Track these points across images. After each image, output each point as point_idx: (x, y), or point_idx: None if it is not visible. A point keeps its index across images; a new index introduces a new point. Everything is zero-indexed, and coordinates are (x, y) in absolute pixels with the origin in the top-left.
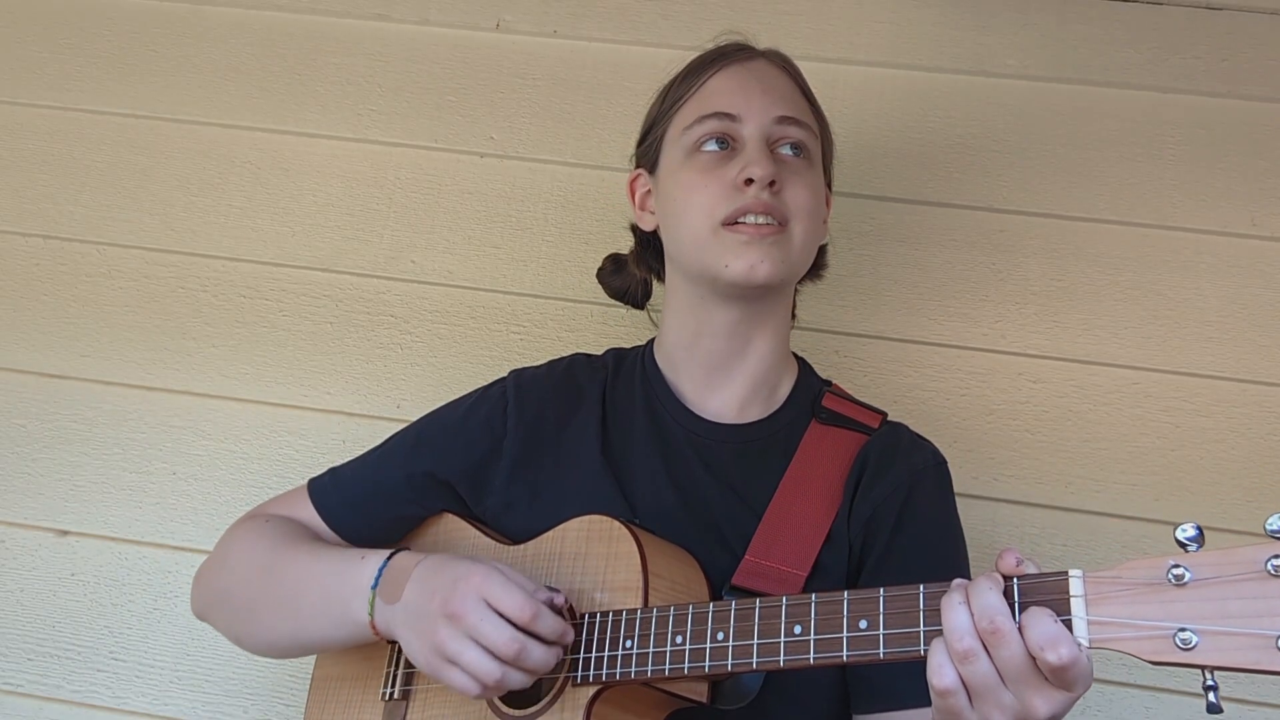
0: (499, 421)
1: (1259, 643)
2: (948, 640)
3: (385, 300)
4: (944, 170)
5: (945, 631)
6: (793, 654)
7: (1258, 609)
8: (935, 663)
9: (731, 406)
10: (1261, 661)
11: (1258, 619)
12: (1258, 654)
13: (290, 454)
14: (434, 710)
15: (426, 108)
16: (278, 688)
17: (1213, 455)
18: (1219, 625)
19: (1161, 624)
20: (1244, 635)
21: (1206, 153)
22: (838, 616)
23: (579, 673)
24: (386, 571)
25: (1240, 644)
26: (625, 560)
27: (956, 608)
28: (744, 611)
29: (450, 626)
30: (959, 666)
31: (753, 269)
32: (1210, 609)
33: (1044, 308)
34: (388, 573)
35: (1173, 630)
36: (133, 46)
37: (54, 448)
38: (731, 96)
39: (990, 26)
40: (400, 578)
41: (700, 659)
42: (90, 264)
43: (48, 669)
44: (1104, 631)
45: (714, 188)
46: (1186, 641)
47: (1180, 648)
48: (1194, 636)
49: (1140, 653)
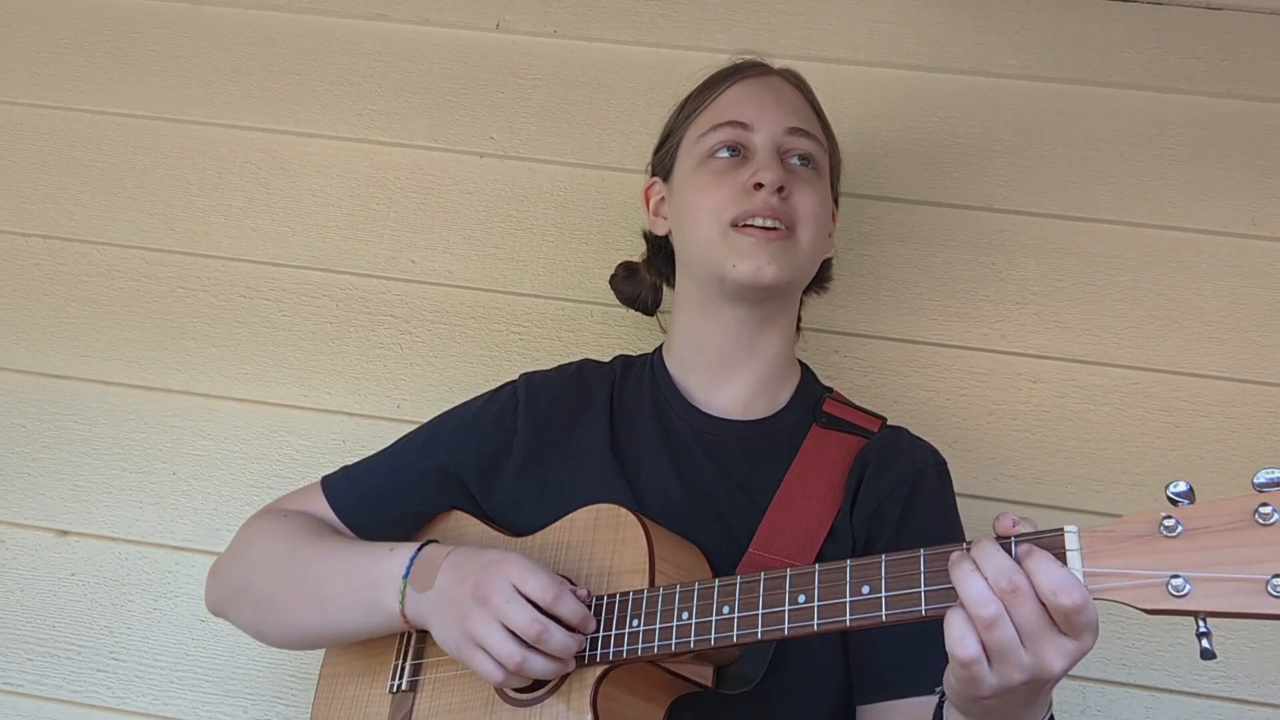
0: (510, 420)
1: (1249, 587)
2: (971, 609)
3: (385, 300)
4: (944, 170)
5: (966, 601)
6: (797, 621)
7: (1247, 555)
8: (956, 634)
9: (737, 404)
10: (1253, 605)
11: (1247, 565)
12: (1248, 598)
13: (290, 454)
14: (441, 700)
15: (426, 108)
16: (278, 688)
17: (1213, 455)
18: (1210, 572)
19: (1154, 573)
20: (1235, 580)
21: (1206, 153)
22: (840, 583)
23: (585, 652)
24: (418, 562)
25: (1231, 589)
26: (632, 545)
27: (970, 575)
28: (749, 585)
29: (479, 609)
30: (983, 634)
31: (759, 270)
32: (1201, 557)
33: (1043, 308)
34: (419, 563)
35: (1165, 578)
36: (133, 46)
37: (54, 448)
38: (745, 107)
39: (990, 26)
40: (432, 567)
41: (706, 632)
42: (90, 264)
43: (48, 669)
44: (1099, 583)
45: (724, 191)
46: (1179, 589)
47: (1173, 595)
48: (1186, 584)
49: (1135, 601)
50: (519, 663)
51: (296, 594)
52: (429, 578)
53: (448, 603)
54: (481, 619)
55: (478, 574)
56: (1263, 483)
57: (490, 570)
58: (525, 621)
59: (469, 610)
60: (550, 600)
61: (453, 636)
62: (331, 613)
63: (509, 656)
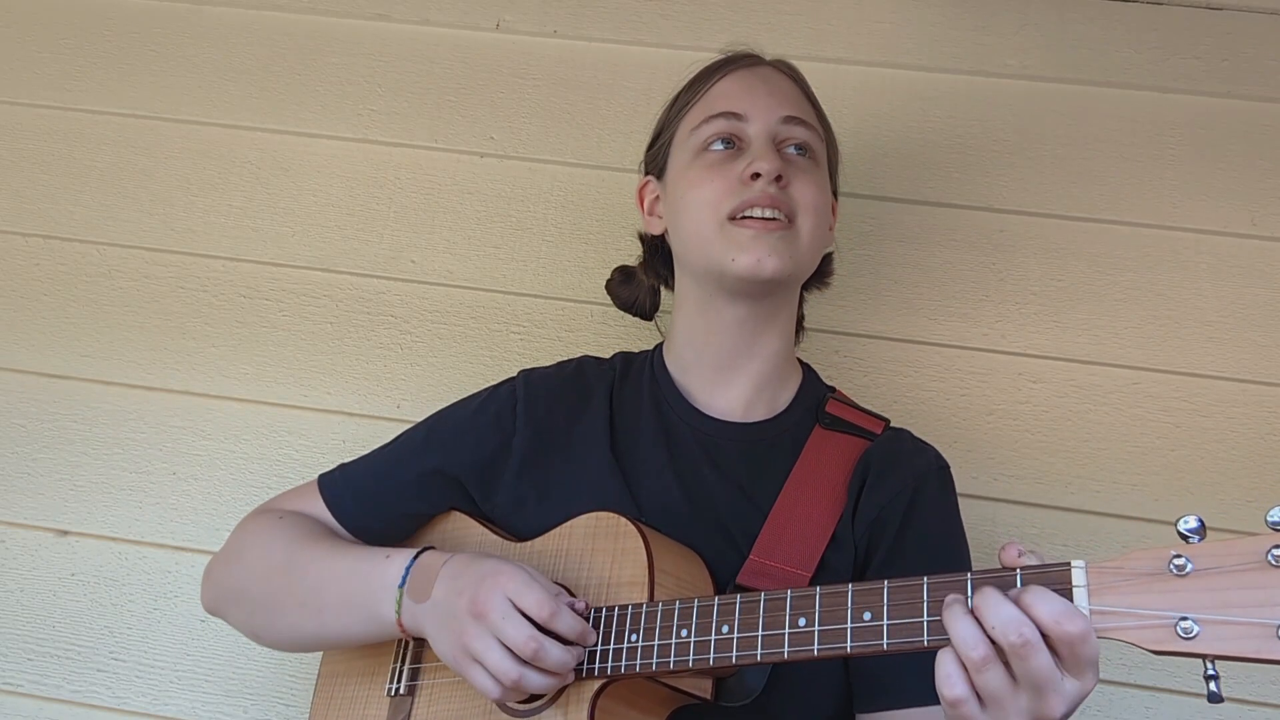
0: (509, 419)
1: (1260, 632)
2: (959, 651)
3: (385, 300)
4: (944, 170)
5: (955, 643)
6: (797, 645)
7: (1258, 599)
8: (944, 673)
9: (738, 405)
10: (1262, 650)
11: (1259, 608)
12: (1258, 643)
13: (290, 454)
14: (440, 706)
15: (426, 108)
16: (278, 688)
17: (1213, 455)
18: (1220, 614)
19: (1163, 613)
20: (1245, 624)
21: (1206, 153)
22: (842, 608)
23: (584, 666)
24: (414, 570)
25: (1241, 633)
26: (631, 556)
27: (961, 618)
28: (749, 605)
29: (477, 625)
30: (973, 676)
31: (759, 263)
32: (1211, 599)
33: (1044, 308)
34: (415, 571)
35: (1174, 619)
36: (133, 46)
37: (54, 448)
38: (738, 97)
39: (990, 26)
40: (428, 576)
41: (705, 651)
42: (90, 264)
43: (48, 669)
44: (1106, 621)
45: (720, 183)
46: (1188, 631)
47: (1182, 637)
48: (1195, 626)
49: (1142, 642)
50: (515, 679)
51: (293, 600)
52: (426, 588)
53: (445, 616)
54: (479, 635)
55: (474, 587)
56: (1277, 521)
57: (487, 584)
58: (522, 639)
59: (466, 626)
60: (547, 617)
61: (450, 650)
62: (328, 620)
63: (506, 673)
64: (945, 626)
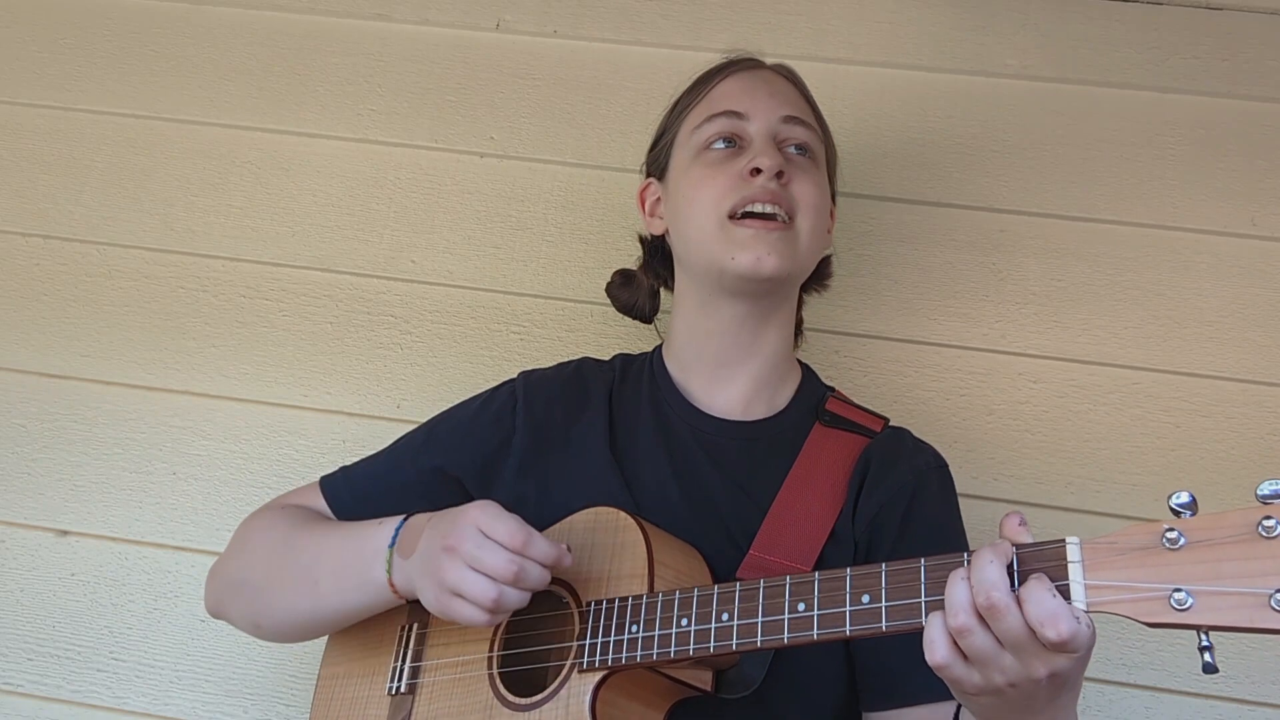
0: (508, 419)
1: (1252, 601)
2: (946, 613)
3: (385, 300)
4: (944, 170)
5: (945, 605)
6: (796, 630)
7: (1250, 569)
8: (929, 637)
9: (737, 404)
10: (1255, 619)
11: (1250, 579)
12: (1251, 612)
13: (290, 454)
14: (440, 703)
15: (426, 108)
16: (278, 688)
17: (1213, 455)
18: (1213, 585)
19: (1157, 586)
20: (1237, 594)
21: (1206, 153)
22: (840, 592)
23: (585, 659)
24: (403, 531)
25: (1234, 603)
26: (631, 549)
27: (958, 583)
28: (748, 592)
29: (450, 558)
30: (957, 639)
31: (759, 261)
32: (1204, 570)
33: (1044, 308)
34: (404, 532)
35: (1168, 591)
36: (133, 46)
37: (54, 448)
38: (739, 97)
39: (990, 26)
40: (415, 534)
41: (705, 640)
42: (90, 264)
43: (48, 669)
44: (1101, 595)
45: (721, 180)
46: (1181, 602)
47: (1175, 608)
48: (1189, 597)
49: (1136, 614)
50: (495, 598)
51: (290, 577)
52: (413, 544)
53: (425, 561)
54: (453, 567)
55: (447, 528)
56: (1266, 494)
57: (459, 520)
58: (501, 564)
59: (441, 562)
60: (520, 545)
61: (432, 592)
62: (324, 592)
63: (484, 594)
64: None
